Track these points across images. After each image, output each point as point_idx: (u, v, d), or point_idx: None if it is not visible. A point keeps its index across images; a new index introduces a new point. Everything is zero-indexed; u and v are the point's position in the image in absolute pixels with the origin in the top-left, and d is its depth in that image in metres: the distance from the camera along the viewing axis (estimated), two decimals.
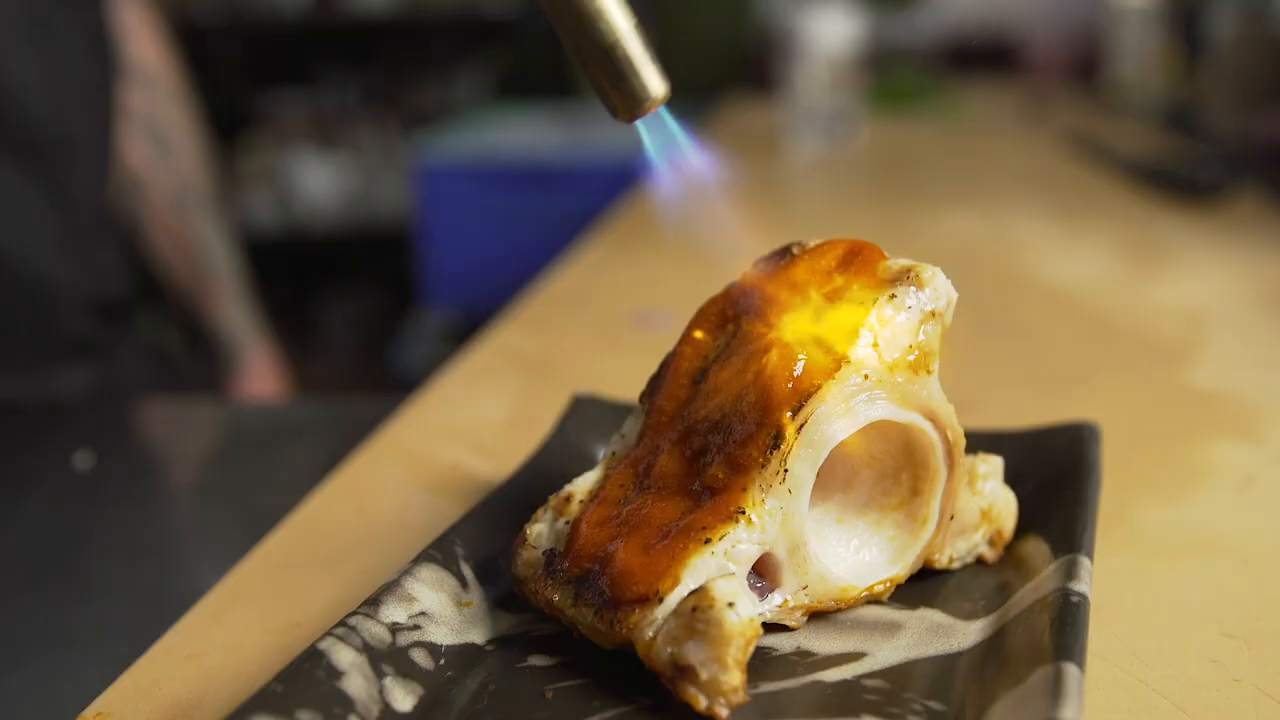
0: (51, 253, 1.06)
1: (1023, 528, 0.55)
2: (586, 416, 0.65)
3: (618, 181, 2.67)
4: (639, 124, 0.50)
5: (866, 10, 2.06)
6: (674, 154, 0.51)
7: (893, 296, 0.49)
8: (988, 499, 0.53)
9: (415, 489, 0.68)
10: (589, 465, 0.62)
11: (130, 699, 0.48)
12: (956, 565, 0.53)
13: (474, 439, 0.75)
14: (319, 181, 3.52)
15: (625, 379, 0.71)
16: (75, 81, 1.10)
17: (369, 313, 3.50)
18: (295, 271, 3.48)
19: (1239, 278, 1.06)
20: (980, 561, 0.54)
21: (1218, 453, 0.68)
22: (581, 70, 0.49)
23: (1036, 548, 0.53)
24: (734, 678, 0.43)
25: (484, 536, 0.53)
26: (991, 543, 0.54)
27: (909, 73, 2.56)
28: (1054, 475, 0.57)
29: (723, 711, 0.43)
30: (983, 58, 2.85)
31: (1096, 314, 0.97)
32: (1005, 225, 1.30)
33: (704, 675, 0.43)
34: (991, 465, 0.54)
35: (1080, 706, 0.39)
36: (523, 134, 2.96)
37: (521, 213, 2.74)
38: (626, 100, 0.49)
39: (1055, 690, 0.40)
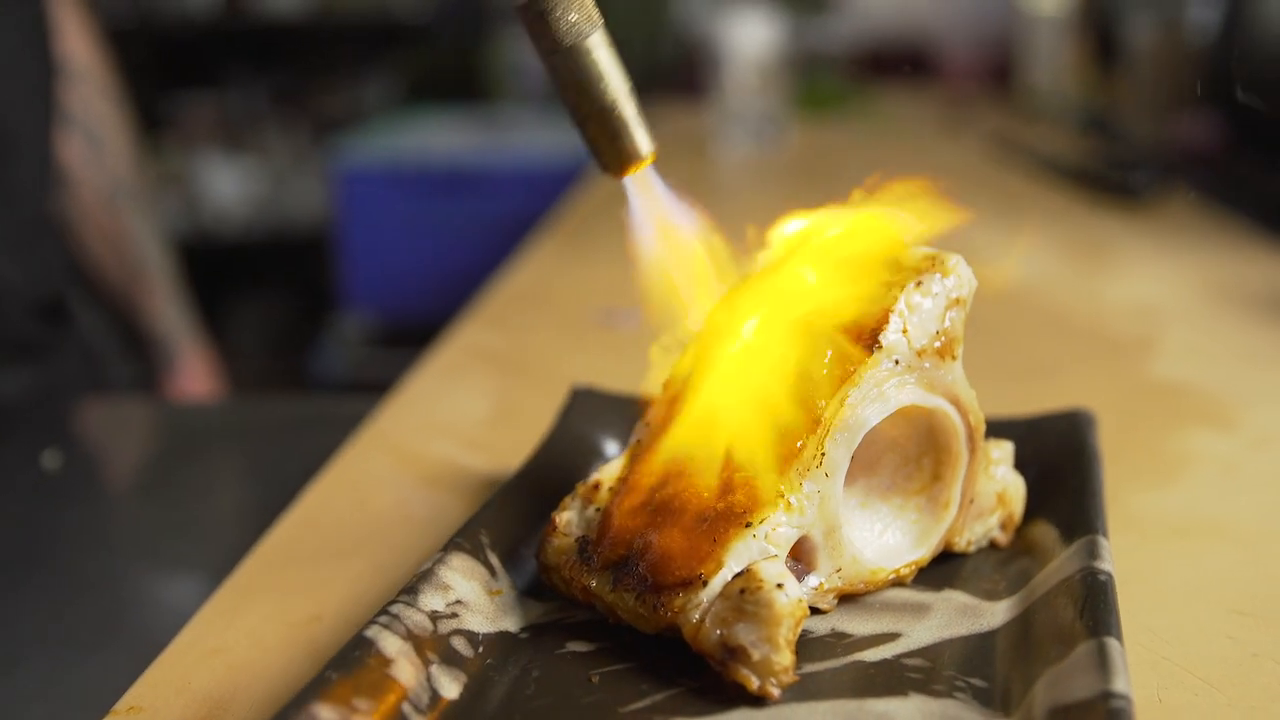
0: None
1: (1028, 512, 0.56)
2: (586, 408, 0.65)
3: (535, 185, 2.68)
4: (627, 180, 0.53)
5: (784, 16, 2.08)
6: (658, 209, 0.54)
7: (919, 284, 0.50)
8: (1000, 483, 0.54)
9: (411, 484, 0.67)
10: (594, 455, 0.62)
11: (162, 693, 0.47)
12: (972, 549, 0.54)
13: (461, 434, 0.74)
14: (227, 185, 3.46)
15: (601, 375, 0.72)
16: (15, 81, 1.08)
17: (281, 317, 3.45)
18: (203, 276, 3.42)
19: (1183, 275, 1.09)
20: (992, 545, 0.55)
21: (1194, 440, 0.70)
22: (578, 126, 0.52)
23: (1045, 531, 0.54)
24: (785, 657, 0.43)
25: (505, 527, 0.53)
26: (1003, 526, 0.55)
27: (830, 78, 2.59)
28: (1054, 461, 0.58)
29: (775, 691, 0.43)
30: (900, 64, 2.89)
31: (1052, 311, 0.99)
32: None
33: (756, 656, 0.43)
34: (1003, 450, 0.55)
35: (1128, 679, 0.40)
36: (438, 137, 2.95)
37: (440, 216, 2.73)
38: (619, 156, 0.52)
39: (1102, 664, 0.41)
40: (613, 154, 0.52)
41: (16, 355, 1.08)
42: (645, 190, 0.54)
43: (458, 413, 0.79)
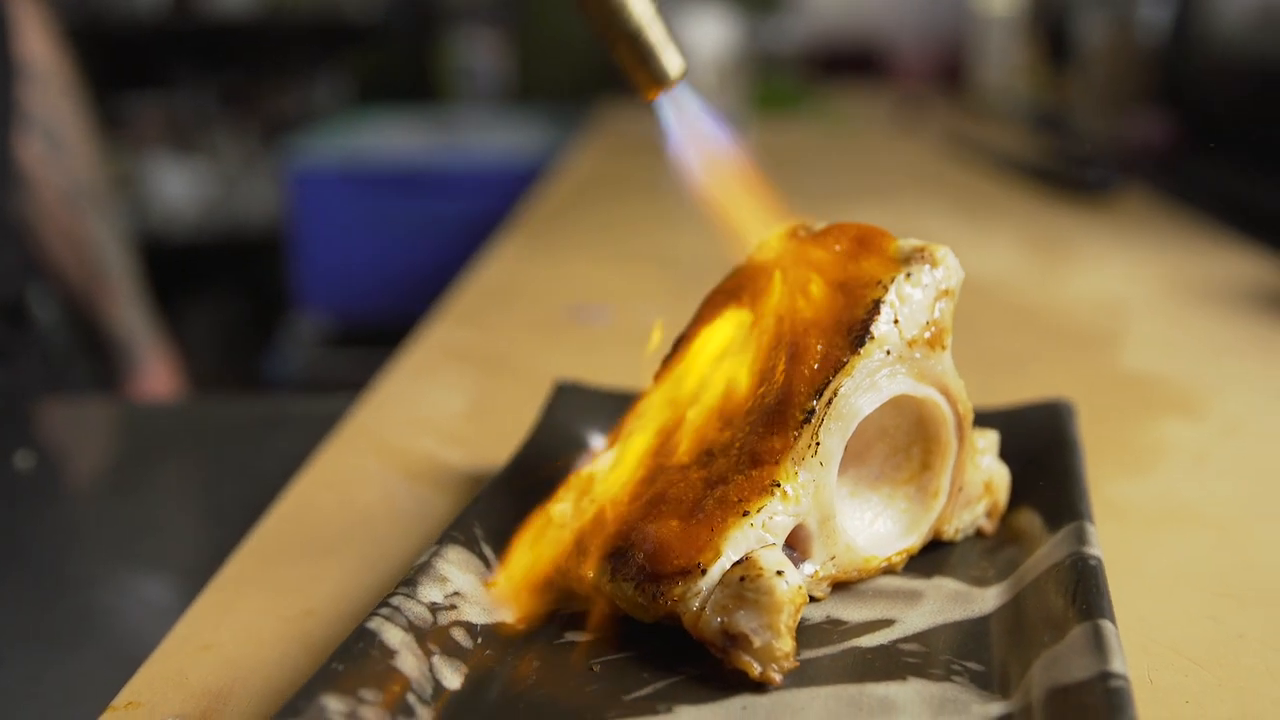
0: None
1: (1011, 501, 0.57)
2: (571, 402, 0.65)
3: (489, 185, 2.68)
4: (661, 99, 0.54)
5: (736, 15, 2.09)
6: (693, 127, 0.53)
7: (909, 275, 0.51)
8: (986, 472, 0.55)
9: (394, 479, 0.67)
10: (580, 448, 0.63)
11: (159, 688, 0.47)
12: (959, 537, 0.55)
13: (440, 429, 0.74)
14: (176, 187, 3.43)
15: (574, 370, 0.72)
16: None
17: (233, 320, 3.43)
18: (153, 279, 3.39)
19: (1145, 269, 1.10)
20: (978, 534, 0.56)
21: (1166, 430, 0.72)
22: (610, 51, 0.53)
23: (1030, 519, 0.55)
24: (786, 644, 0.44)
25: (497, 519, 0.53)
26: (989, 514, 0.56)
27: (785, 78, 2.60)
28: (1035, 451, 0.59)
29: (777, 677, 0.44)
30: (852, 64, 2.91)
31: (1018, 306, 1.00)
32: (906, 222, 1.32)
33: (757, 643, 0.44)
34: (989, 440, 0.56)
35: (1124, 659, 0.41)
36: (392, 138, 2.94)
37: (394, 217, 2.72)
38: (651, 77, 0.53)
39: (1098, 645, 0.42)
40: (644, 76, 0.53)
41: None
42: (679, 110, 0.54)
43: (435, 409, 0.79)
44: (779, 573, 0.44)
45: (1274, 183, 1.40)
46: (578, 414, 0.65)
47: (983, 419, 0.61)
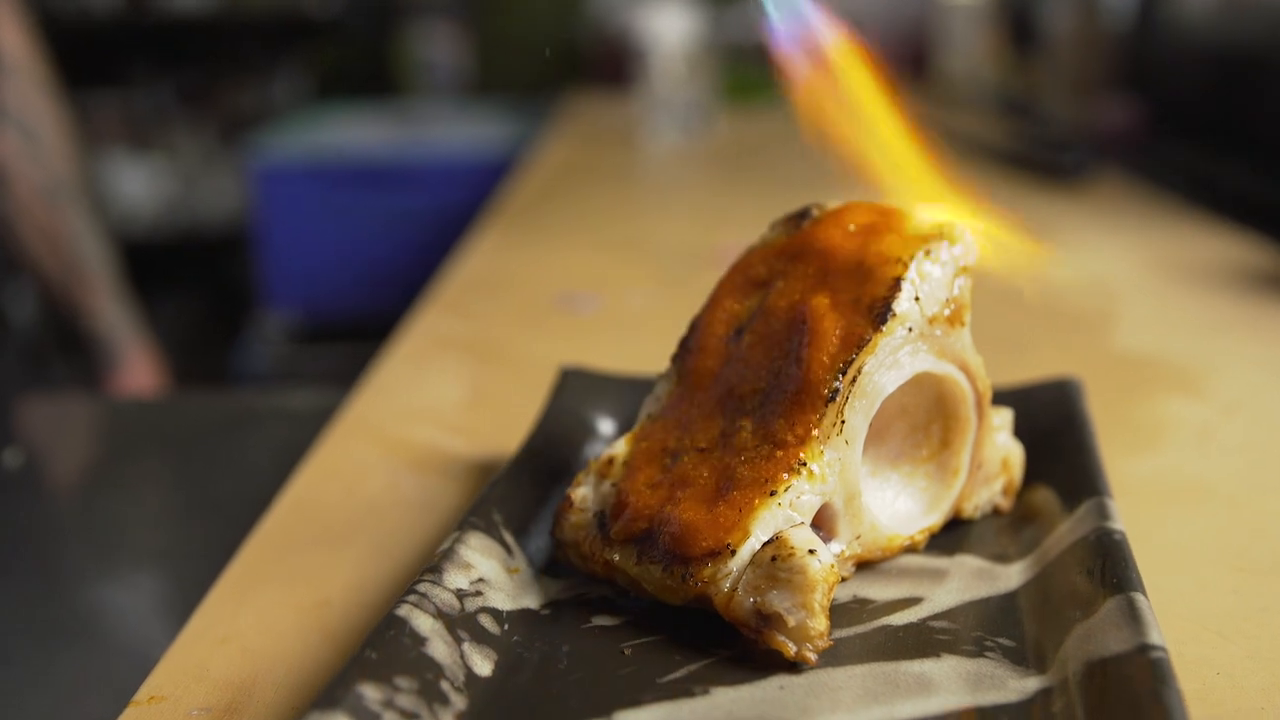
0: None
1: (1025, 479, 0.57)
2: (577, 387, 0.65)
3: (454, 178, 2.67)
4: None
5: (700, 5, 2.09)
6: (794, 15, 0.52)
7: (929, 252, 0.51)
8: (1003, 449, 0.55)
9: (398, 468, 0.67)
10: (590, 434, 0.62)
11: (181, 681, 0.46)
12: (978, 515, 0.55)
13: (440, 419, 0.74)
14: (134, 185, 3.40)
15: (568, 357, 0.72)
16: None
17: (197, 318, 3.39)
18: None
19: (1128, 251, 1.11)
20: (995, 511, 0.56)
21: (1168, 408, 0.72)
22: None
23: (1045, 496, 0.55)
24: (820, 622, 0.44)
25: (514, 505, 0.53)
26: (1005, 492, 0.56)
27: (753, 67, 2.60)
28: (1046, 429, 0.59)
29: (812, 656, 0.43)
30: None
31: (1005, 288, 1.00)
32: None
33: (791, 622, 0.44)
34: (1003, 417, 0.56)
35: (1160, 631, 0.41)
36: (355, 133, 2.93)
37: (359, 212, 2.71)
38: None
39: (1133, 618, 0.42)
40: None
41: None
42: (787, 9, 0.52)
43: (433, 398, 0.78)
44: (811, 551, 0.44)
45: (1242, 165, 1.41)
46: (586, 399, 0.64)
47: (993, 398, 0.61)
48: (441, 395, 0.79)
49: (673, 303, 0.56)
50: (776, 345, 0.50)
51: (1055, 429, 0.59)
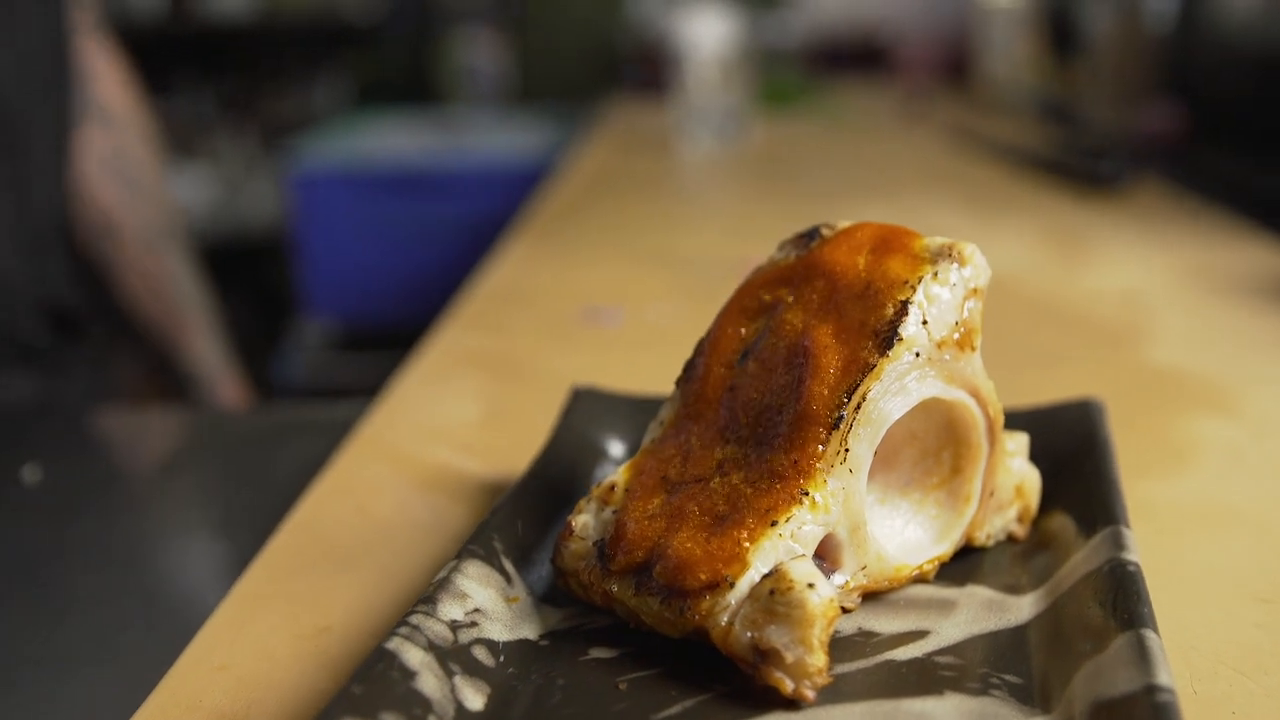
0: (8, 253, 1.03)
1: (1042, 505, 0.55)
2: (587, 409, 0.64)
3: (493, 186, 2.67)
4: None
5: (737, 12, 2.08)
6: None
7: (936, 274, 0.49)
8: (1017, 475, 0.54)
9: (409, 489, 0.66)
10: (599, 456, 0.61)
11: (172, 714, 0.46)
12: (991, 543, 0.54)
13: (454, 438, 0.73)
14: (177, 192, 3.42)
15: (590, 374, 0.71)
16: (32, 83, 1.08)
17: (238, 324, 3.41)
18: None
19: (1165, 261, 1.09)
20: (1009, 539, 0.54)
21: (1200, 428, 0.70)
22: None
23: (1063, 523, 0.54)
24: (819, 659, 0.43)
25: (516, 532, 0.52)
26: (1020, 519, 0.54)
27: (788, 73, 2.59)
28: (1066, 452, 0.58)
29: (809, 693, 0.42)
30: (855, 58, 2.89)
31: (1038, 301, 0.98)
32: (917, 218, 1.31)
33: (789, 658, 0.42)
34: (1018, 442, 0.55)
35: (1170, 671, 0.40)
36: (393, 140, 2.93)
37: (399, 219, 2.71)
38: None
39: (1142, 657, 0.40)
40: None
41: (20, 360, 1.08)
42: None
43: (449, 416, 0.77)
44: (810, 585, 0.43)
45: None
46: (595, 420, 0.63)
47: (1011, 420, 0.59)
48: (459, 412, 0.78)
49: (700, 317, 0.54)
50: (781, 371, 0.49)
51: (1075, 452, 0.57)
